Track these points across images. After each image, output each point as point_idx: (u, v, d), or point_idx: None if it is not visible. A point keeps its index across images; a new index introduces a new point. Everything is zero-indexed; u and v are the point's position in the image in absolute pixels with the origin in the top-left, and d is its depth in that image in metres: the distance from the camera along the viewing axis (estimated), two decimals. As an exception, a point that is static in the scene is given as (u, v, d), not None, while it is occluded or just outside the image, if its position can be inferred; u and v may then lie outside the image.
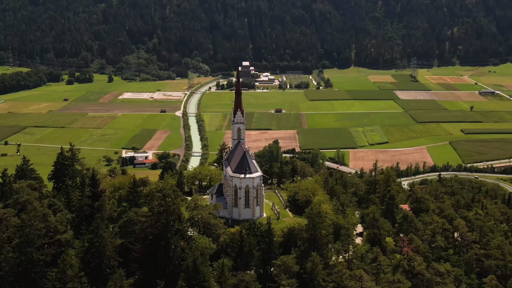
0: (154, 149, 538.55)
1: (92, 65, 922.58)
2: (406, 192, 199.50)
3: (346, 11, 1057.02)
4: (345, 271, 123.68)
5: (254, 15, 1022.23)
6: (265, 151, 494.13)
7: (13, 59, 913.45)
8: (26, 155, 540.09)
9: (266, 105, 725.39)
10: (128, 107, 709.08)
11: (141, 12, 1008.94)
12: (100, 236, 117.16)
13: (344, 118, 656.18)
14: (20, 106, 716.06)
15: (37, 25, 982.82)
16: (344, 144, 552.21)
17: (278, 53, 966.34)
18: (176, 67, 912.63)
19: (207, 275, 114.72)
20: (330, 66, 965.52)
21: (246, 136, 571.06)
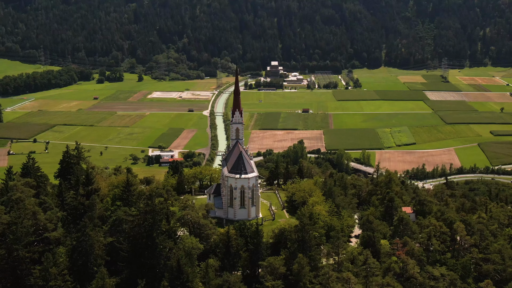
0: (180, 148, 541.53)
1: (122, 64, 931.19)
2: (411, 194, 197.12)
3: (376, 11, 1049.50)
4: (331, 273, 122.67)
5: (283, 14, 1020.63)
6: (290, 151, 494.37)
7: (44, 57, 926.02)
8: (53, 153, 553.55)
9: (294, 105, 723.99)
10: (157, 106, 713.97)
11: (172, 12, 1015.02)
12: (86, 235, 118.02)
13: (372, 119, 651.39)
14: (50, 104, 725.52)
15: (69, 24, 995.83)
16: (371, 145, 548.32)
17: (307, 53, 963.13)
18: (205, 66, 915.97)
19: (191, 275, 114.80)
20: (359, 66, 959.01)
21: (273, 136, 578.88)
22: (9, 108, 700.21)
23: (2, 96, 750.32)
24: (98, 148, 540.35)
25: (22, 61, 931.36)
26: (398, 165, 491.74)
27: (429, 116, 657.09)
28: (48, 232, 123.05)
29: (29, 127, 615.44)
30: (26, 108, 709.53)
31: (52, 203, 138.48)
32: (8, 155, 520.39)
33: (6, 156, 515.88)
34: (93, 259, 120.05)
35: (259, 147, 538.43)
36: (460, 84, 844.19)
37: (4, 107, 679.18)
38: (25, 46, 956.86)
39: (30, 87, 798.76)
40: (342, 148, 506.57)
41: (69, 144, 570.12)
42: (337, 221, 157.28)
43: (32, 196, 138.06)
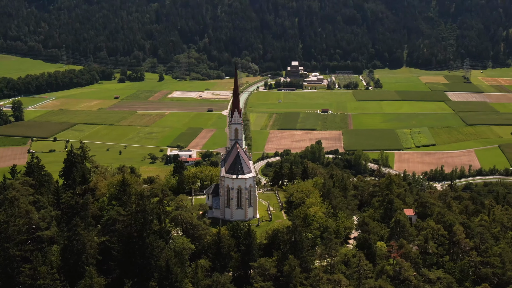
0: (198, 148, 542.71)
1: (143, 64, 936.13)
2: (413, 196, 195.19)
3: (398, 11, 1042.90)
4: (322, 275, 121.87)
5: (304, 14, 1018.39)
6: (307, 151, 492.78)
7: (66, 57, 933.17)
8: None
9: (313, 105, 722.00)
10: (177, 106, 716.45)
11: (193, 12, 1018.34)
12: (77, 234, 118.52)
13: (392, 119, 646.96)
14: (71, 103, 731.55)
15: (91, 24, 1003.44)
16: (390, 145, 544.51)
17: (328, 53, 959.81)
18: (225, 66, 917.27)
19: (180, 275, 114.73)
20: (381, 66, 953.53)
21: (291, 136, 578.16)
22: (30, 106, 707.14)
23: (24, 95, 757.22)
24: (118, 147, 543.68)
25: (44, 60, 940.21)
26: (417, 166, 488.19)
27: (450, 117, 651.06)
28: (41, 231, 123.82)
29: (50, 125, 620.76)
30: (47, 107, 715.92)
31: (47, 202, 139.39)
32: (28, 153, 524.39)
33: (26, 155, 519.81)
34: (84, 258, 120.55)
35: (277, 147, 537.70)
36: (482, 85, 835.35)
37: (25, 106, 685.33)
38: (47, 46, 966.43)
39: (52, 86, 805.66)
40: (360, 149, 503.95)
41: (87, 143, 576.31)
42: (333, 222, 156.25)
43: (31, 194, 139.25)
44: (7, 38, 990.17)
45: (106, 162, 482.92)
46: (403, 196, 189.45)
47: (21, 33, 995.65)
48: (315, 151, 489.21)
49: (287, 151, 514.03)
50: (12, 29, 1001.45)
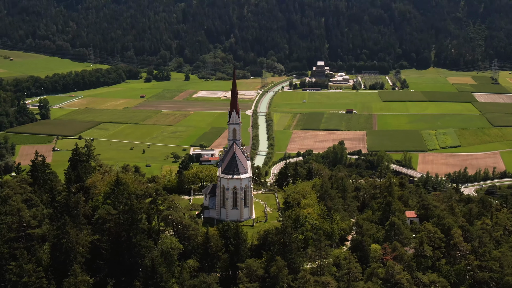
0: (221, 147, 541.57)
1: (170, 64, 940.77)
2: (416, 199, 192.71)
3: (426, 11, 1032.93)
4: (309, 277, 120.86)
5: (331, 14, 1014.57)
6: (329, 152, 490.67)
7: (94, 56, 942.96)
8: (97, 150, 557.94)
9: (338, 105, 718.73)
10: (201, 105, 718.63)
11: (220, 12, 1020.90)
12: (66, 233, 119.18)
13: (417, 120, 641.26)
14: (97, 102, 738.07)
15: (119, 23, 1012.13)
16: (414, 146, 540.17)
17: (355, 53, 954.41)
18: (251, 66, 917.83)
19: (165, 275, 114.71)
20: (408, 66, 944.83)
21: (314, 136, 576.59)
22: (57, 105, 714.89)
23: (51, 94, 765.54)
24: (141, 146, 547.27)
25: (72, 59, 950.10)
26: (441, 168, 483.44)
27: (476, 119, 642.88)
28: (32, 229, 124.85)
29: (75, 124, 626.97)
30: (74, 106, 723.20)
31: (39, 200, 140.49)
32: (53, 151, 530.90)
33: (51, 153, 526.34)
34: (73, 257, 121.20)
35: (299, 148, 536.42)
36: (510, 86, 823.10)
37: (52, 104, 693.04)
38: (75, 45, 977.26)
39: (79, 85, 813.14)
40: (384, 150, 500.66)
41: (112, 142, 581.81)
42: (328, 224, 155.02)
43: (30, 192, 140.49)
44: (36, 37, 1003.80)
45: (130, 161, 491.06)
46: (406, 198, 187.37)
47: (50, 32, 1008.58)
48: (337, 152, 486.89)
49: (309, 151, 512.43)
50: (40, 28, 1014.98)
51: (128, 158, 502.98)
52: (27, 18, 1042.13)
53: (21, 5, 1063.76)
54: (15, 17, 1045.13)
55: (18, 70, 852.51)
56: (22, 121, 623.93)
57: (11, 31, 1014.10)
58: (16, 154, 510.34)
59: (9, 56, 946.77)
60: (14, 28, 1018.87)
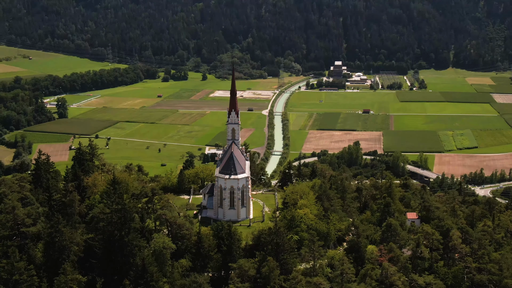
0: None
1: (187, 63, 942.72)
2: (419, 200, 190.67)
3: (445, 11, 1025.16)
4: (300, 278, 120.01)
5: (349, 14, 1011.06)
6: (344, 152, 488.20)
7: (112, 55, 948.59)
8: (113, 149, 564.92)
9: (355, 105, 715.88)
10: (218, 105, 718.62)
11: (237, 12, 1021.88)
12: (59, 231, 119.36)
13: (435, 121, 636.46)
14: (115, 102, 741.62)
15: (137, 23, 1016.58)
16: (431, 147, 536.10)
17: (373, 53, 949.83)
18: (268, 66, 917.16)
19: (156, 274, 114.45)
20: (426, 66, 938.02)
21: (330, 137, 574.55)
22: (75, 104, 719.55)
23: (69, 93, 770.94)
24: (157, 145, 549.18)
25: (90, 58, 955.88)
26: (458, 169, 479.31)
27: (494, 120, 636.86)
28: (26, 227, 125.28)
29: (93, 123, 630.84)
30: (92, 105, 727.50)
31: (34, 198, 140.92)
32: (70, 150, 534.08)
33: (67, 151, 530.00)
34: (65, 255, 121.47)
35: (314, 148, 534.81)
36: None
37: (70, 103, 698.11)
38: (94, 44, 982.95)
39: (97, 84, 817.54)
40: (400, 151, 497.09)
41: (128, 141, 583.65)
42: (324, 225, 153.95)
43: (28, 191, 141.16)
44: (55, 36, 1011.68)
45: (145, 160, 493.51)
46: (408, 199, 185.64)
47: (68, 31, 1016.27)
48: (352, 152, 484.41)
49: (324, 151, 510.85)
50: (59, 27, 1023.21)
51: (144, 157, 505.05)
52: (46, 17, 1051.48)
53: (40, 5, 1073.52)
54: (34, 16, 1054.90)
55: (37, 69, 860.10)
56: (40, 119, 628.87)
57: (31, 31, 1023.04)
58: (33, 152, 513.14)
59: (28, 55, 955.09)
60: (34, 27, 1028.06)
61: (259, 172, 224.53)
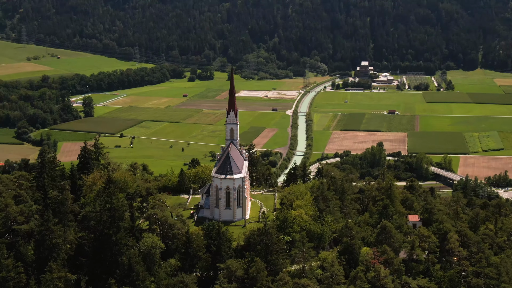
0: (259, 147, 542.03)
1: (213, 63, 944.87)
2: (422, 202, 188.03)
3: (474, 11, 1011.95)
4: (288, 279, 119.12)
5: (377, 14, 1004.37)
6: (367, 153, 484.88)
7: (139, 55, 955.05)
8: (137, 147, 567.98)
9: (380, 106, 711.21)
10: (242, 105, 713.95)
11: (264, 12, 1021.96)
12: (49, 229, 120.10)
13: (461, 122, 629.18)
14: (141, 101, 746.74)
15: (164, 23, 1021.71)
16: (456, 149, 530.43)
17: (400, 53, 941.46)
18: (294, 66, 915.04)
19: (142, 273, 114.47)
20: (454, 67, 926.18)
21: (354, 137, 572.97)
22: (101, 103, 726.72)
23: (96, 92, 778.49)
24: (181, 144, 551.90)
25: (118, 58, 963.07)
26: (482, 171, 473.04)
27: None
28: (18, 224, 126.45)
29: (118, 122, 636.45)
30: (118, 104, 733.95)
31: (28, 196, 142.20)
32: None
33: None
34: (55, 253, 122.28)
35: (337, 148, 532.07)
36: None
37: (96, 102, 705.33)
38: (121, 44, 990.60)
39: (124, 84, 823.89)
40: (424, 152, 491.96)
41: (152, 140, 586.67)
42: (318, 226, 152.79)
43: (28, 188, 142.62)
44: (83, 36, 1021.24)
45: (168, 159, 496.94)
46: (411, 201, 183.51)
47: (97, 31, 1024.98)
48: (375, 153, 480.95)
49: (347, 152, 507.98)
50: (88, 27, 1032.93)
51: (167, 156, 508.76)
52: (75, 17, 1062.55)
53: (69, 4, 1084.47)
54: (63, 16, 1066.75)
55: (64, 68, 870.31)
56: (66, 118, 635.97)
57: (59, 30, 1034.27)
58: (58, 150, 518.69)
59: (57, 55, 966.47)
60: (62, 27, 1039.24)
61: (265, 172, 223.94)
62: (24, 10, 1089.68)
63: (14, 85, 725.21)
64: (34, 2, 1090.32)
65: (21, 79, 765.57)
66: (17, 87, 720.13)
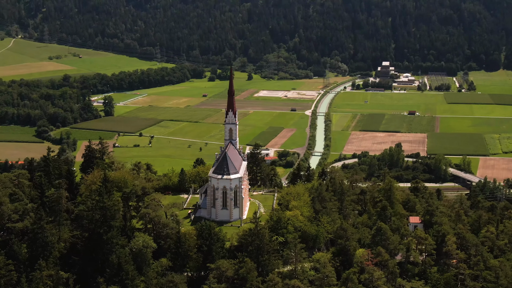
0: (277, 147, 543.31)
1: (234, 63, 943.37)
2: (424, 204, 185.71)
3: (497, 12, 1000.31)
4: (277, 280, 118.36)
5: (398, 14, 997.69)
6: (385, 154, 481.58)
7: (160, 55, 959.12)
8: (156, 147, 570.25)
9: (400, 106, 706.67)
10: (261, 105, 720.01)
11: (285, 12, 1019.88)
12: (41, 227, 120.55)
13: (482, 124, 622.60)
14: (161, 100, 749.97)
15: (185, 23, 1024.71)
16: (475, 150, 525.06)
17: (422, 53, 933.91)
18: (314, 66, 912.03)
19: (132, 273, 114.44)
20: (477, 68, 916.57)
21: (373, 138, 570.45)
22: (121, 102, 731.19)
23: (116, 91, 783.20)
24: (199, 144, 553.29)
25: (139, 57, 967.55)
26: (501, 173, 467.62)
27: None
28: (12, 222, 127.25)
29: (137, 121, 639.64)
30: (138, 103, 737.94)
31: (23, 194, 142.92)
32: (114, 147, 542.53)
33: (111, 149, 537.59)
34: (47, 252, 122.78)
35: (356, 149, 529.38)
36: None
37: (116, 101, 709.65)
38: (143, 43, 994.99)
39: (144, 83, 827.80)
40: (443, 153, 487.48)
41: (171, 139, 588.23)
42: (314, 227, 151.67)
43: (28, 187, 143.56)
44: (105, 35, 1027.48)
45: (186, 158, 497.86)
46: (413, 203, 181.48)
47: (118, 30, 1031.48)
48: (393, 154, 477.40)
49: (365, 153, 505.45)
50: (110, 26, 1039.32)
51: (185, 156, 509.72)
52: (97, 16, 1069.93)
53: (91, 4, 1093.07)
54: (85, 15, 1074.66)
55: (86, 68, 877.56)
56: (86, 117, 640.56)
57: (81, 29, 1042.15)
58: (77, 149, 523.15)
59: (78, 54, 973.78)
60: (84, 26, 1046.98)
61: (269, 173, 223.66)
62: (47, 10, 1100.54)
63: (35, 84, 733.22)
64: (57, 1, 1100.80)
65: (43, 78, 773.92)
66: (38, 86, 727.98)
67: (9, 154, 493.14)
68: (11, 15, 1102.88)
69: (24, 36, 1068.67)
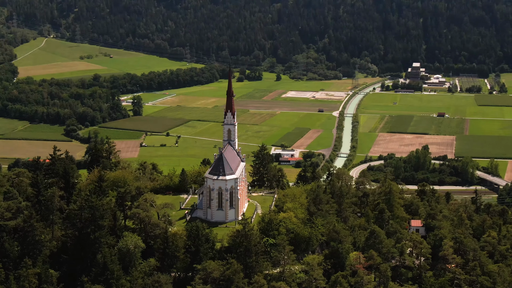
0: (302, 148, 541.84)
1: (263, 64, 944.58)
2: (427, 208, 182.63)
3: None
4: (263, 282, 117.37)
5: (430, 15, 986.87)
6: (412, 156, 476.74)
7: (190, 55, 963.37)
8: (182, 147, 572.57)
9: (429, 108, 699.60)
10: (289, 106, 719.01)
11: (315, 12, 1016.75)
12: (31, 226, 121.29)
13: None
14: (189, 100, 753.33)
15: (215, 23, 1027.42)
16: (505, 153, 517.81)
17: (453, 54, 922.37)
18: (343, 67, 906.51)
19: (117, 272, 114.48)
20: (509, 70, 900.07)
21: (400, 140, 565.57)
22: (150, 102, 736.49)
23: (146, 91, 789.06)
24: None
25: (169, 58, 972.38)
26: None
27: None
28: (4, 220, 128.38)
29: (165, 121, 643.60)
30: (166, 103, 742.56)
31: (17, 193, 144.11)
32: (140, 147, 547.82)
33: (138, 148, 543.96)
34: (37, 250, 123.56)
35: (382, 151, 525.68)
36: None
37: (145, 101, 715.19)
38: (173, 44, 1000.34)
39: (173, 83, 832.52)
40: (470, 156, 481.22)
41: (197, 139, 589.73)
42: (307, 229, 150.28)
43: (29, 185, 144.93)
44: (136, 36, 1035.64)
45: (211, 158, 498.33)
46: (416, 206, 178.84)
47: (149, 31, 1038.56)
48: (419, 156, 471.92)
49: (391, 155, 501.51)
50: (140, 27, 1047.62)
51: (209, 156, 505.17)
52: (128, 17, 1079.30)
53: (123, 4, 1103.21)
54: (116, 16, 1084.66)
55: (116, 68, 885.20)
56: (115, 116, 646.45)
57: (112, 30, 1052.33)
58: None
59: (109, 54, 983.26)
60: (115, 26, 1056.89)
61: (276, 174, 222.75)
62: (78, 10, 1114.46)
63: (66, 84, 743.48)
64: (88, 1, 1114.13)
65: (73, 78, 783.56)
66: (68, 86, 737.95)
67: (38, 152, 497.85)
68: (44, 15, 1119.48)
69: (56, 36, 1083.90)
